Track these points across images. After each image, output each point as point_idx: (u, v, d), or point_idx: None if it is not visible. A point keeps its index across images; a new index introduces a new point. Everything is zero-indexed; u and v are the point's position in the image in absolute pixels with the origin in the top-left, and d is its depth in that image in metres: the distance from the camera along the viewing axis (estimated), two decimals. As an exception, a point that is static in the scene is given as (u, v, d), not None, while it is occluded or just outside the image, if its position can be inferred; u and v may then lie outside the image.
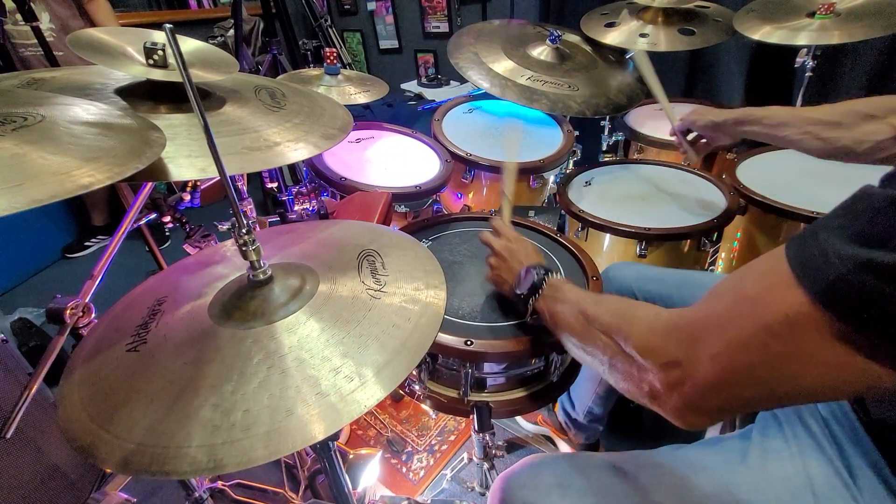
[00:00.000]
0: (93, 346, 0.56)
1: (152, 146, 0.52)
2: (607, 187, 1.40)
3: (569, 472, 0.68)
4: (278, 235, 0.77)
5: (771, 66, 1.87)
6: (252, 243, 0.55)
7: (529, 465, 0.72)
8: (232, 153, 0.64)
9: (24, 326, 1.81)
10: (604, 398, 1.19)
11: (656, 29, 1.58)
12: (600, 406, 1.21)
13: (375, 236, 0.73)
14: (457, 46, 1.55)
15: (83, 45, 0.67)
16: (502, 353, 0.77)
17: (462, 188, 1.56)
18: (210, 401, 0.46)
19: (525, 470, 0.71)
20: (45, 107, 0.51)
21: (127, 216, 0.87)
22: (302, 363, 0.49)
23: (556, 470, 0.69)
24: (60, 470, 1.12)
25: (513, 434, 1.46)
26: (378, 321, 0.55)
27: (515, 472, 0.71)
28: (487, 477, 1.08)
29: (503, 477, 0.72)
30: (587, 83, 1.50)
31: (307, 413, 0.45)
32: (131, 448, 0.43)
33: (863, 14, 1.27)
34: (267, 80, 0.90)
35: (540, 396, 0.88)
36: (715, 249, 1.31)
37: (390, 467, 1.40)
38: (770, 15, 1.42)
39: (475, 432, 0.94)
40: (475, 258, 0.99)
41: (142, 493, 1.29)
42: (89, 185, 0.41)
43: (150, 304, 0.61)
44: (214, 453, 0.42)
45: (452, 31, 3.10)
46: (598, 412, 1.23)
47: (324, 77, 1.37)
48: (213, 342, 0.52)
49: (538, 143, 1.56)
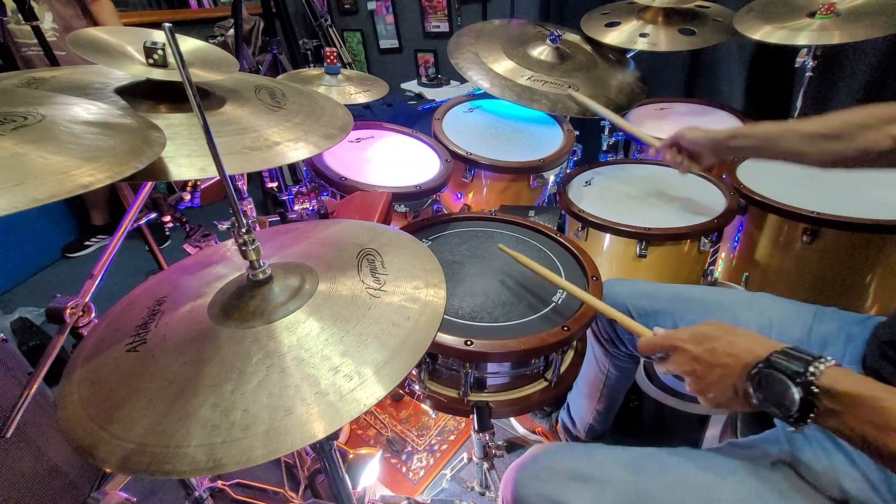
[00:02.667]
0: (93, 346, 0.56)
1: (152, 146, 0.52)
2: (607, 187, 1.40)
3: (586, 463, 0.65)
4: (278, 235, 0.77)
5: (771, 66, 1.87)
6: (251, 243, 0.55)
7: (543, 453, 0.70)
8: (232, 153, 0.64)
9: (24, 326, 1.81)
10: (603, 414, 1.19)
11: (656, 29, 1.58)
12: (600, 422, 1.21)
13: (375, 235, 0.73)
14: (457, 46, 1.55)
15: (83, 45, 0.67)
16: (502, 353, 0.77)
17: (462, 188, 1.56)
18: (209, 400, 0.46)
19: (538, 459, 0.69)
20: (46, 106, 0.51)
21: (127, 216, 0.87)
22: (301, 362, 0.49)
23: (573, 459, 0.66)
24: (60, 469, 1.12)
25: (513, 434, 1.46)
26: (377, 320, 0.55)
27: (527, 463, 0.69)
28: (487, 477, 1.08)
29: (514, 467, 0.70)
30: (587, 83, 1.50)
31: (306, 412, 0.45)
32: (131, 448, 0.43)
33: (863, 14, 1.27)
34: (267, 80, 0.90)
35: (540, 396, 0.88)
36: (715, 249, 1.31)
37: (390, 467, 1.40)
38: (770, 15, 1.41)
39: (475, 432, 0.94)
40: (475, 258, 0.99)
41: (141, 493, 1.29)
42: (89, 185, 0.41)
43: (149, 304, 0.61)
44: (214, 453, 0.42)
45: (452, 31, 3.09)
46: (598, 428, 1.22)
47: (324, 77, 1.37)
48: (213, 342, 0.52)
49: (538, 143, 1.56)
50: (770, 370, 0.50)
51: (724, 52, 1.96)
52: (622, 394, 1.18)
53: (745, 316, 0.86)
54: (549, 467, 0.67)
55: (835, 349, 0.75)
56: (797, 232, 1.17)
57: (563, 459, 0.67)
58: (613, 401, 1.17)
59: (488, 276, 0.94)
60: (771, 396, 0.49)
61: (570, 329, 0.79)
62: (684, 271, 1.29)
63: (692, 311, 0.92)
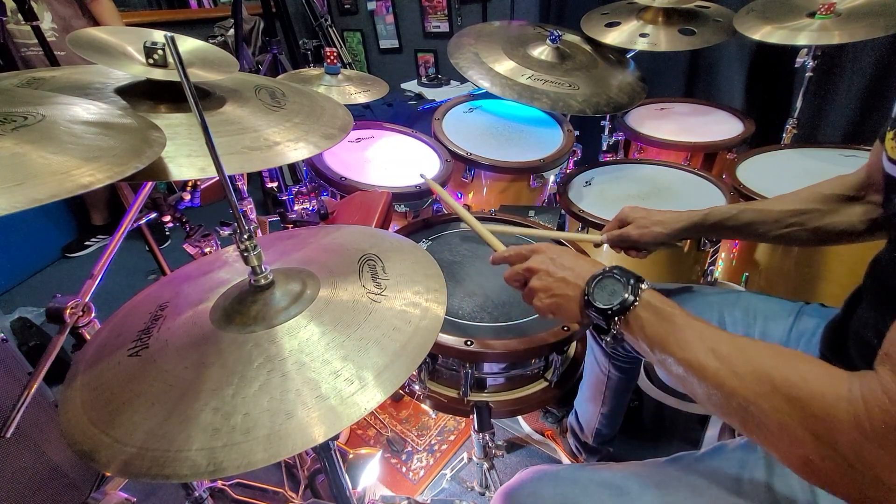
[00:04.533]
0: (95, 350, 0.56)
1: (152, 146, 0.52)
2: (607, 187, 1.40)
3: (571, 489, 0.67)
4: (280, 241, 0.77)
5: (771, 66, 1.87)
6: (253, 249, 0.55)
7: (530, 478, 0.71)
8: (232, 153, 0.64)
9: (24, 326, 1.81)
10: (608, 417, 1.18)
11: (656, 29, 1.58)
12: (607, 426, 1.20)
13: (376, 241, 0.73)
14: (457, 47, 1.55)
15: (83, 45, 0.67)
16: (502, 353, 0.77)
17: (462, 187, 1.56)
18: (210, 404, 0.46)
19: (526, 484, 0.70)
20: (46, 106, 0.51)
21: (127, 216, 0.87)
22: (302, 366, 0.49)
23: (558, 485, 0.68)
24: (60, 470, 1.12)
25: (513, 434, 1.46)
26: (378, 325, 0.55)
27: (515, 487, 0.70)
28: (487, 477, 1.08)
29: (503, 492, 0.71)
30: (588, 82, 1.50)
31: (307, 416, 0.45)
32: (132, 452, 0.42)
33: (863, 14, 1.27)
34: (267, 80, 0.90)
35: (540, 396, 0.88)
36: (715, 249, 1.31)
37: (390, 467, 1.40)
38: (770, 15, 1.41)
39: (475, 432, 0.94)
40: (475, 258, 0.99)
41: (141, 493, 1.29)
42: (89, 185, 0.41)
43: (152, 309, 0.61)
44: (214, 456, 0.42)
45: (452, 31, 3.09)
46: (606, 433, 1.22)
47: (324, 77, 1.37)
48: (215, 346, 0.52)
49: (538, 143, 1.56)
50: (610, 275, 0.60)
51: (724, 52, 1.96)
52: (626, 396, 1.18)
53: (731, 314, 0.87)
54: (535, 493, 0.68)
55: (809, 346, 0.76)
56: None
57: (549, 486, 0.68)
58: (618, 404, 1.17)
59: (488, 276, 0.94)
60: (601, 296, 0.59)
61: (570, 329, 0.79)
62: (684, 271, 1.29)
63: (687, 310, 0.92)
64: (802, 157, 1.39)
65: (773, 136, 1.77)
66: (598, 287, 0.60)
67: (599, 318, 0.59)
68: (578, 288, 0.62)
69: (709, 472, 0.65)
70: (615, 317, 0.58)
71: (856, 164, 0.78)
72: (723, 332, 0.52)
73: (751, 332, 0.84)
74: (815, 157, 1.36)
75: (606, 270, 0.61)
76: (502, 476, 1.13)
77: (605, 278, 0.60)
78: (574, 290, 0.63)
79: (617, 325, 0.58)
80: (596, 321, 0.60)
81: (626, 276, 0.59)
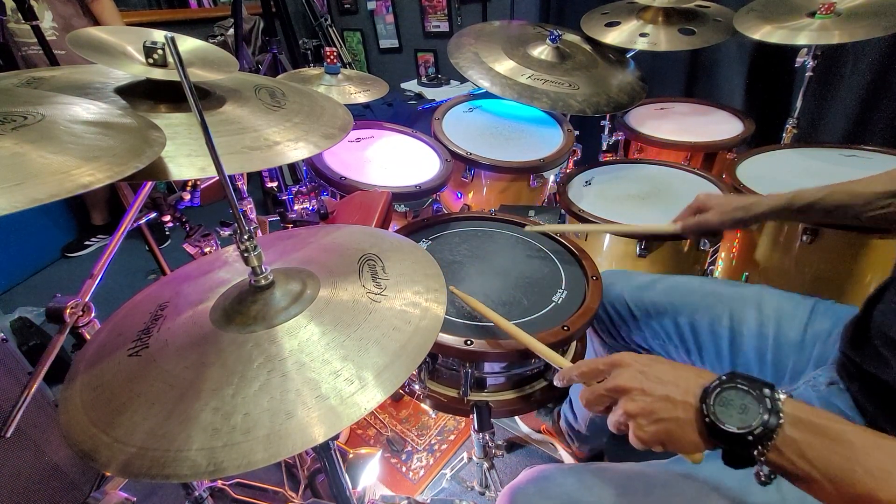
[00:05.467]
0: (95, 351, 0.56)
1: (152, 145, 0.52)
2: (607, 187, 1.40)
3: (577, 488, 0.66)
4: (280, 241, 0.77)
5: (771, 66, 1.87)
6: (254, 249, 0.55)
7: (535, 477, 0.71)
8: (232, 152, 0.64)
9: (24, 326, 1.81)
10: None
11: (656, 29, 1.57)
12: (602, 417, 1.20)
13: (376, 241, 0.73)
14: (457, 46, 1.55)
15: (83, 44, 0.67)
16: (502, 352, 0.76)
17: (462, 187, 1.56)
18: (211, 404, 0.46)
19: (531, 483, 0.70)
20: (45, 106, 0.51)
21: (127, 215, 0.87)
22: (302, 366, 0.49)
23: (564, 484, 0.67)
24: (60, 469, 1.12)
25: (513, 434, 1.46)
26: (378, 325, 0.55)
27: (521, 487, 0.70)
28: (487, 476, 1.08)
29: (508, 491, 0.71)
30: (588, 82, 1.50)
31: (307, 416, 0.45)
32: (132, 452, 0.42)
33: (863, 14, 1.27)
34: (267, 80, 0.90)
35: (539, 396, 0.88)
36: (715, 249, 1.31)
37: (390, 467, 1.40)
38: (770, 15, 1.41)
39: (475, 432, 0.94)
40: (475, 258, 0.99)
41: (141, 493, 1.29)
42: (89, 185, 0.41)
43: (152, 309, 0.61)
44: (214, 456, 0.42)
45: (452, 31, 3.09)
46: (600, 422, 1.22)
47: (324, 76, 1.37)
48: (215, 346, 0.52)
49: (538, 143, 1.56)
50: (732, 385, 0.46)
51: (724, 52, 1.96)
52: None
53: (742, 313, 0.86)
54: (541, 492, 0.68)
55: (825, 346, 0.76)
56: (797, 231, 1.16)
57: (554, 485, 0.68)
58: None
59: (488, 276, 0.94)
60: (729, 416, 0.45)
61: (570, 329, 0.79)
62: (684, 271, 1.29)
63: (690, 303, 0.91)
64: (802, 156, 1.39)
65: (773, 136, 1.77)
66: (720, 404, 0.46)
67: (736, 445, 0.45)
68: (692, 408, 0.48)
69: (714, 473, 0.65)
70: (759, 444, 0.44)
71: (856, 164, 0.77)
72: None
73: (765, 333, 0.83)
74: (815, 157, 1.36)
75: (723, 379, 0.47)
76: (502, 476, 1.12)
77: (726, 390, 0.47)
78: (686, 412, 0.49)
79: (763, 453, 0.44)
80: (730, 449, 0.46)
81: (752, 384, 0.46)
